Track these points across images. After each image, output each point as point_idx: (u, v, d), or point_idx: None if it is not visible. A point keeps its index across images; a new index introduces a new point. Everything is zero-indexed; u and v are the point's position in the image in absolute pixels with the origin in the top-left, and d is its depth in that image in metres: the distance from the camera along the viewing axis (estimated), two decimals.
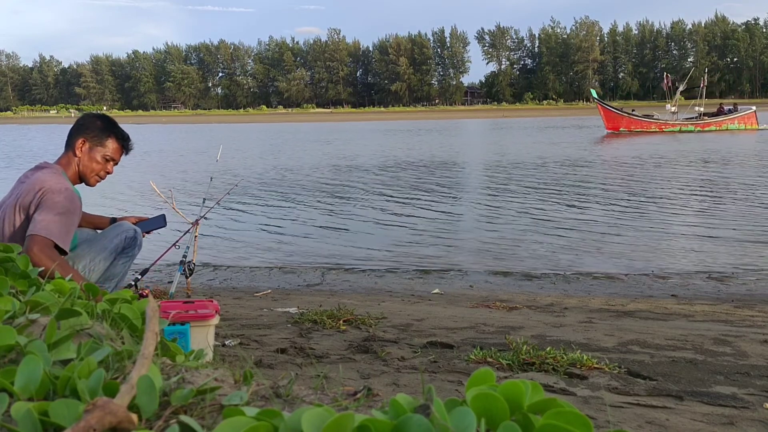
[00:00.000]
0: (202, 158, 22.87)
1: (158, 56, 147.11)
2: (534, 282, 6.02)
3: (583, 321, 4.05)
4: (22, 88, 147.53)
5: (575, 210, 10.12)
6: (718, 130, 33.63)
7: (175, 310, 2.42)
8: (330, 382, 2.17)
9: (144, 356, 0.80)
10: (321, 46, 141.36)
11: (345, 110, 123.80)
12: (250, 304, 4.69)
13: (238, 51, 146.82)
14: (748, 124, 34.14)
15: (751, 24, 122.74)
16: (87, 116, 3.09)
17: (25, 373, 0.77)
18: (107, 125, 3.05)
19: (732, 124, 34.03)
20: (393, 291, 5.65)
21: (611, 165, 17.91)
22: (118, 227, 3.09)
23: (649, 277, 6.11)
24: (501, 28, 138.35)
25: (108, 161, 3.03)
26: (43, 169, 2.87)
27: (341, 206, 11.22)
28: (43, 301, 1.14)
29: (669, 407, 2.27)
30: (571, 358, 2.75)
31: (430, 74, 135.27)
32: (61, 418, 0.67)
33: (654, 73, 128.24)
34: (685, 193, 11.81)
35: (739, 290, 5.42)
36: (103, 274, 2.99)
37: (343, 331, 3.45)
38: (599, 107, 35.14)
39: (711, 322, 4.11)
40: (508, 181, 14.27)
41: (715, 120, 34.44)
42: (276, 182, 15.07)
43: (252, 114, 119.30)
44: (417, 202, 11.45)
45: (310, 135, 41.65)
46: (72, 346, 0.93)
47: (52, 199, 2.69)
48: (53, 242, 2.62)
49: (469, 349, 3.01)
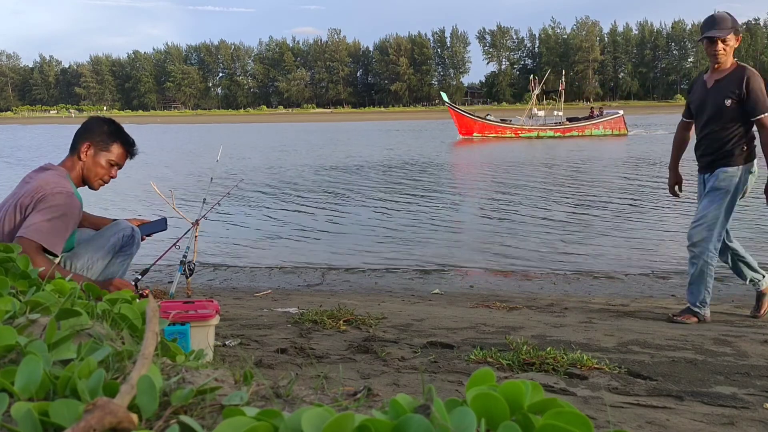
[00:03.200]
0: (203, 158, 22.88)
1: (158, 56, 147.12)
2: (534, 282, 6.02)
3: (584, 321, 4.05)
4: (23, 88, 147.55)
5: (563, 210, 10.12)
6: (580, 135, 32.02)
7: (175, 310, 2.42)
8: (330, 382, 2.17)
9: (144, 356, 0.80)
10: (321, 46, 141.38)
11: (345, 110, 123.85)
12: (251, 304, 4.69)
13: (239, 51, 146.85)
14: (616, 129, 32.44)
15: (751, 24, 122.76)
16: (93, 120, 3.08)
17: (25, 373, 0.77)
18: (113, 130, 3.04)
19: (596, 129, 32.40)
20: (393, 291, 5.65)
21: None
22: (115, 226, 3.09)
23: (649, 277, 6.11)
24: (501, 28, 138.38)
25: (112, 166, 3.03)
26: (47, 171, 2.87)
27: (342, 206, 11.22)
28: (43, 301, 1.14)
29: (669, 407, 2.27)
30: (572, 358, 2.75)
31: (430, 74, 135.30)
32: (61, 418, 0.67)
33: (654, 73, 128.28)
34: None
35: (739, 290, 5.42)
36: (101, 273, 2.99)
37: (343, 332, 3.45)
38: (451, 111, 33.51)
39: (711, 322, 4.11)
40: (508, 181, 14.28)
41: (577, 125, 32.82)
42: (276, 182, 15.07)
43: (252, 114, 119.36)
44: (417, 202, 11.45)
45: (311, 135, 41.66)
46: (72, 346, 0.93)
47: (48, 201, 2.69)
48: (40, 245, 2.60)
49: (469, 349, 3.01)
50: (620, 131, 32.51)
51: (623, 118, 33.07)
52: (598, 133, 32.36)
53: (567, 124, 33.33)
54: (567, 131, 32.68)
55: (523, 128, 33.12)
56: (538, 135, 32.30)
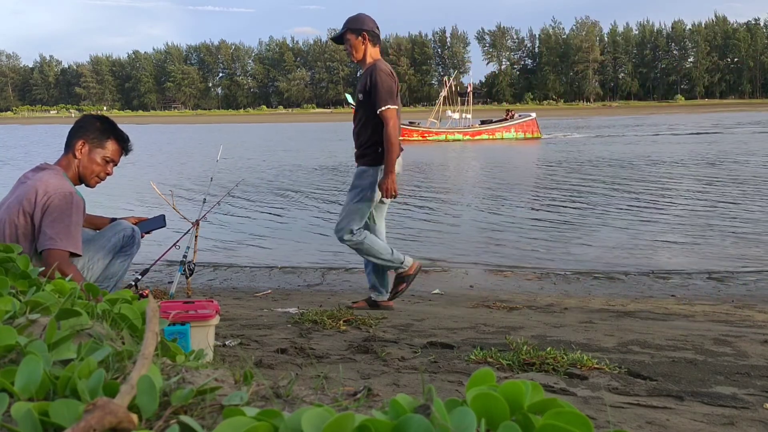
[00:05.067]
0: (203, 158, 22.87)
1: (158, 56, 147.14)
2: (534, 282, 6.02)
3: (584, 321, 4.05)
4: (23, 88, 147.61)
5: (574, 210, 10.12)
6: (490, 138, 31.29)
7: (175, 310, 2.42)
8: (330, 382, 2.17)
9: (144, 356, 0.80)
10: (321, 46, 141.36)
11: (345, 110, 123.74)
12: (251, 304, 4.69)
13: (239, 51, 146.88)
14: (528, 132, 31.69)
15: (752, 24, 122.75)
16: (86, 118, 3.09)
17: (25, 373, 0.77)
18: (107, 127, 3.05)
19: (507, 132, 31.64)
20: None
21: None
22: (116, 226, 3.10)
23: (649, 277, 6.11)
24: (501, 28, 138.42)
25: (108, 163, 3.03)
26: (44, 171, 2.87)
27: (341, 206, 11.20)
28: (44, 301, 1.14)
29: (669, 407, 2.27)
30: (572, 358, 2.75)
31: (431, 74, 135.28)
32: (61, 418, 0.67)
33: (654, 73, 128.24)
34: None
35: (739, 290, 5.42)
36: (101, 274, 2.99)
37: (343, 332, 3.45)
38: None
39: (711, 322, 4.11)
40: (505, 181, 14.27)
41: (487, 128, 32.11)
42: (276, 182, 15.07)
43: (252, 114, 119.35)
44: (417, 202, 11.45)
45: (312, 134, 41.64)
46: (72, 346, 0.93)
47: (59, 204, 2.71)
48: (69, 252, 2.69)
49: (469, 349, 3.01)
50: (533, 135, 31.66)
51: (536, 121, 32.22)
52: (510, 136, 31.55)
53: (476, 127, 32.52)
54: (476, 134, 31.89)
55: (430, 131, 32.11)
56: (446, 138, 31.47)
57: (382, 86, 3.97)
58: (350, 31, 4.18)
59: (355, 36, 4.18)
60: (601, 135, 33.04)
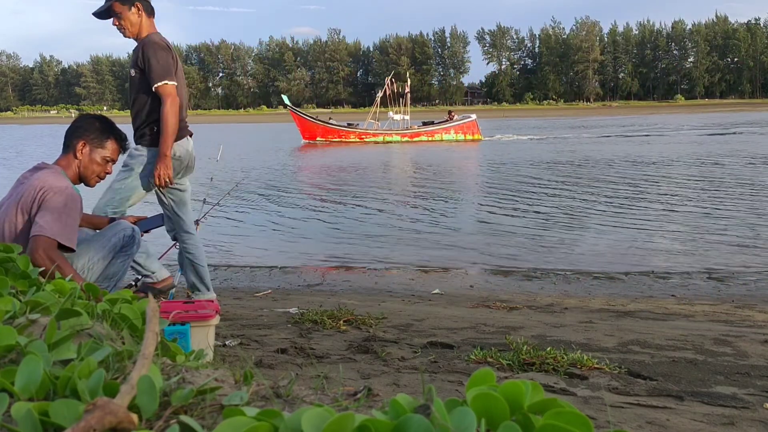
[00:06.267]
0: (202, 158, 22.85)
1: None
2: (534, 282, 6.02)
3: (584, 321, 4.05)
4: (23, 88, 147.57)
5: (571, 208, 10.12)
6: (430, 140, 30.92)
7: (175, 310, 2.42)
8: (330, 382, 2.17)
9: (144, 356, 0.80)
10: (321, 46, 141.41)
11: (345, 110, 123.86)
12: (251, 304, 4.69)
13: (239, 51, 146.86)
14: (469, 133, 31.21)
15: (752, 24, 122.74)
16: (84, 118, 3.09)
17: (25, 373, 0.77)
18: (106, 127, 3.05)
19: (447, 134, 31.21)
20: (393, 291, 5.65)
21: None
22: (116, 226, 3.10)
23: (649, 277, 6.11)
24: (501, 28, 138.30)
25: (108, 162, 3.04)
26: (43, 170, 2.87)
27: (342, 206, 11.22)
28: (44, 301, 1.14)
29: (669, 407, 2.27)
30: (572, 358, 2.75)
31: (431, 74, 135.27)
32: (62, 418, 0.67)
33: (654, 73, 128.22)
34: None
35: (739, 290, 5.42)
36: (101, 273, 2.99)
37: (344, 332, 3.45)
38: (293, 115, 32.01)
39: (711, 322, 4.11)
40: (507, 181, 14.27)
41: (426, 129, 31.65)
42: (277, 182, 15.07)
43: (252, 114, 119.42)
44: (417, 202, 11.45)
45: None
46: (72, 346, 0.93)
47: (53, 198, 2.70)
48: (57, 242, 2.63)
49: (469, 349, 3.01)
50: (474, 136, 31.27)
51: (476, 122, 31.80)
52: (449, 138, 31.18)
53: (415, 129, 32.14)
54: (415, 136, 31.53)
55: (367, 132, 31.73)
56: (384, 139, 31.10)
57: (157, 61, 3.47)
58: (119, 2, 3.50)
59: (128, 7, 3.51)
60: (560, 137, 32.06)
